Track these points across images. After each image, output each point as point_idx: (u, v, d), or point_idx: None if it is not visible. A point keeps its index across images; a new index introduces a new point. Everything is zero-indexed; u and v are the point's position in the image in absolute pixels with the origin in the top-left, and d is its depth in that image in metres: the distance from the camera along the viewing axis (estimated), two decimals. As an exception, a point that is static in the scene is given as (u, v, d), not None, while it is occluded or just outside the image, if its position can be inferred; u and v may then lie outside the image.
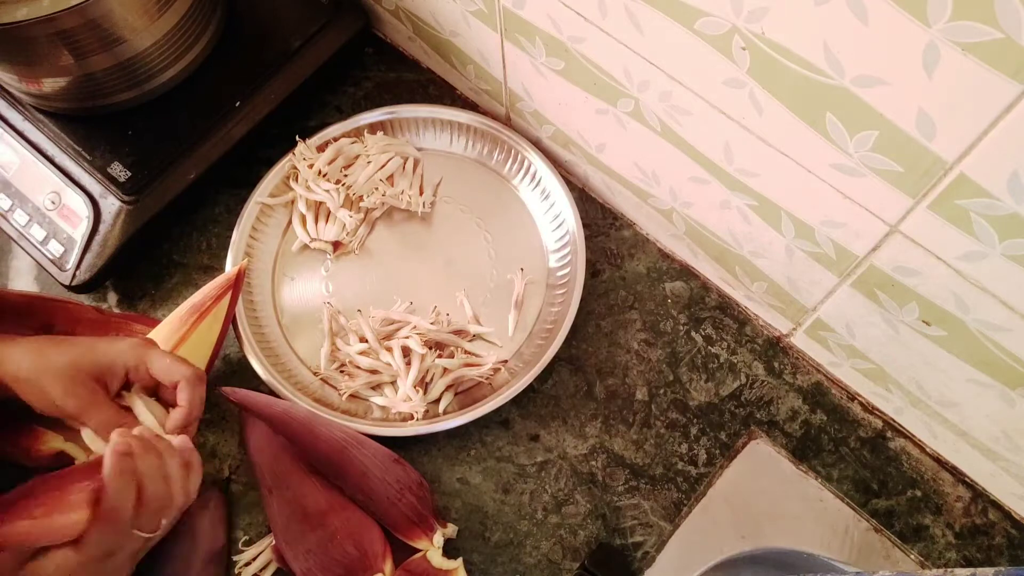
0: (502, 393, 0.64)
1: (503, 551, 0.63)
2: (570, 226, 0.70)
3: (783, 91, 0.47)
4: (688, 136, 0.57)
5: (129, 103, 0.69)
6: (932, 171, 0.43)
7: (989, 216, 0.43)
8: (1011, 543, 0.62)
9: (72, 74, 0.64)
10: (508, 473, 0.65)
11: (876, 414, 0.66)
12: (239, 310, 0.68)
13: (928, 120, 0.41)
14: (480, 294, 0.70)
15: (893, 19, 0.38)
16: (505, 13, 0.62)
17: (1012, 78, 0.36)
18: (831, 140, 0.47)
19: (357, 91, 0.80)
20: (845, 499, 0.63)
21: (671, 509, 0.64)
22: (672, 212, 0.67)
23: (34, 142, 0.69)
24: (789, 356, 0.69)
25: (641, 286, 0.71)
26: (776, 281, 0.63)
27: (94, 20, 0.61)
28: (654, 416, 0.67)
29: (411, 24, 0.76)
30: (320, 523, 0.60)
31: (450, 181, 0.75)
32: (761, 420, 0.66)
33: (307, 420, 0.62)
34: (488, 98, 0.76)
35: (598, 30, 0.55)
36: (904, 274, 0.51)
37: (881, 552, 0.62)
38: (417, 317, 0.67)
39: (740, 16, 0.44)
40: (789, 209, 0.55)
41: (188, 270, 0.73)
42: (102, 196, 0.68)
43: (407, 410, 0.64)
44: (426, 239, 0.73)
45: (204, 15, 0.70)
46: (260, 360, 0.66)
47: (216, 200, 0.75)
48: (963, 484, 0.64)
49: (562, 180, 0.71)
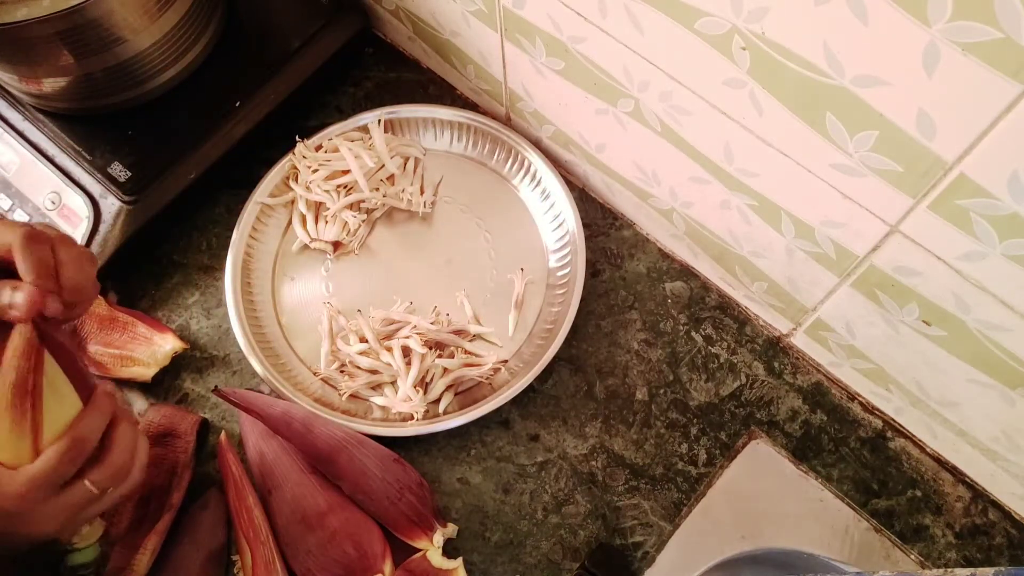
0: (502, 393, 0.64)
1: (503, 551, 0.63)
2: (570, 226, 0.70)
3: (783, 91, 0.47)
4: (688, 136, 0.57)
5: (129, 103, 0.69)
6: (932, 171, 0.43)
7: (989, 216, 0.43)
8: (1011, 543, 0.62)
9: (72, 74, 0.64)
10: (508, 473, 0.65)
11: (876, 414, 0.66)
12: (239, 310, 0.68)
13: (928, 120, 0.41)
14: (480, 294, 0.70)
15: (893, 19, 0.38)
16: (505, 13, 0.62)
17: (1012, 78, 0.36)
18: (831, 140, 0.47)
19: (357, 91, 0.80)
20: (845, 499, 0.63)
21: (671, 509, 0.64)
22: (672, 212, 0.67)
23: (34, 142, 0.69)
24: (789, 356, 0.69)
25: (641, 286, 0.71)
26: (776, 281, 0.63)
27: (94, 20, 0.61)
28: (654, 416, 0.67)
29: (411, 24, 0.76)
30: (319, 524, 0.60)
31: (450, 181, 0.75)
32: (761, 420, 0.66)
33: (306, 420, 0.63)
34: (488, 98, 0.76)
35: (598, 30, 0.55)
36: (904, 274, 0.51)
37: (881, 552, 0.62)
38: (417, 317, 0.67)
39: (740, 16, 0.44)
40: (789, 209, 0.55)
41: (188, 270, 0.73)
42: (102, 196, 0.68)
43: (407, 410, 0.64)
44: (426, 239, 0.73)
45: (204, 15, 0.70)
46: (260, 360, 0.66)
47: (216, 200, 0.75)
48: (963, 484, 0.64)
49: (562, 180, 0.71)
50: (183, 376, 0.69)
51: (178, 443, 0.64)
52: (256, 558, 0.59)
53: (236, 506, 0.62)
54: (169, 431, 0.64)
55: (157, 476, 0.62)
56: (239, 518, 0.61)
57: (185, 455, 0.63)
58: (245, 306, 0.68)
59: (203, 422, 0.66)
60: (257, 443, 0.64)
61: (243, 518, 0.61)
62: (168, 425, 0.65)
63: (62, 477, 0.46)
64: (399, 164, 0.74)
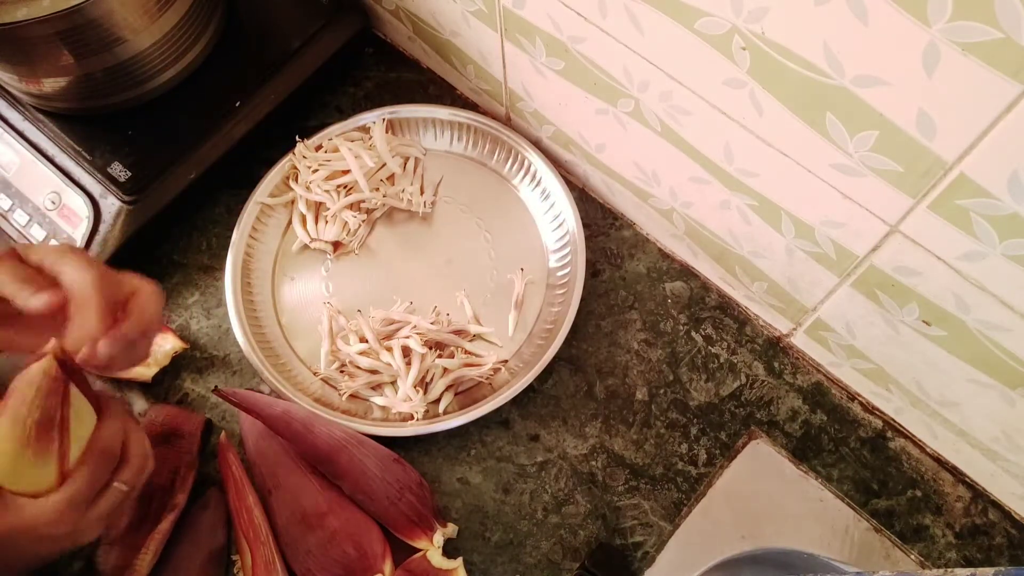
0: (502, 393, 0.64)
1: (503, 551, 0.63)
2: (570, 226, 0.70)
3: (783, 91, 0.47)
4: (688, 136, 0.57)
5: (129, 103, 0.69)
6: (932, 171, 0.43)
7: (989, 216, 0.43)
8: (1011, 543, 0.62)
9: (72, 74, 0.64)
10: (508, 473, 0.65)
11: (876, 414, 0.66)
12: (239, 310, 0.68)
13: (928, 120, 0.41)
14: (480, 294, 0.70)
15: (893, 19, 0.38)
16: (505, 13, 0.62)
17: (1012, 78, 0.36)
18: (831, 140, 0.47)
19: (357, 91, 0.80)
20: (845, 499, 0.63)
21: (671, 509, 0.64)
22: (672, 212, 0.67)
23: (34, 142, 0.69)
24: (789, 356, 0.69)
25: (641, 286, 0.71)
26: (776, 281, 0.63)
27: (94, 20, 0.61)
28: (654, 416, 0.67)
29: (411, 24, 0.76)
30: (319, 524, 0.60)
31: (451, 181, 0.75)
32: (761, 420, 0.66)
33: (306, 421, 0.63)
34: (488, 98, 0.76)
35: (598, 30, 0.55)
36: (904, 274, 0.51)
37: (881, 552, 0.62)
38: (417, 317, 0.67)
39: (740, 16, 0.44)
40: (789, 209, 0.55)
41: (188, 270, 0.73)
42: (102, 196, 0.68)
43: (407, 410, 0.64)
44: (426, 239, 0.73)
45: (204, 15, 0.70)
46: (260, 360, 0.66)
47: (216, 200, 0.75)
48: (963, 484, 0.64)
49: (562, 180, 0.71)
50: (183, 376, 0.69)
51: (183, 443, 0.64)
52: (256, 558, 0.59)
53: (236, 506, 0.62)
54: (174, 431, 0.64)
55: (159, 476, 0.62)
56: (239, 518, 0.61)
57: (190, 455, 0.63)
58: (245, 306, 0.68)
59: (207, 422, 0.66)
60: (257, 443, 0.64)
61: (243, 518, 0.61)
62: (172, 425, 0.65)
63: (95, 490, 0.47)
64: (399, 164, 0.74)
